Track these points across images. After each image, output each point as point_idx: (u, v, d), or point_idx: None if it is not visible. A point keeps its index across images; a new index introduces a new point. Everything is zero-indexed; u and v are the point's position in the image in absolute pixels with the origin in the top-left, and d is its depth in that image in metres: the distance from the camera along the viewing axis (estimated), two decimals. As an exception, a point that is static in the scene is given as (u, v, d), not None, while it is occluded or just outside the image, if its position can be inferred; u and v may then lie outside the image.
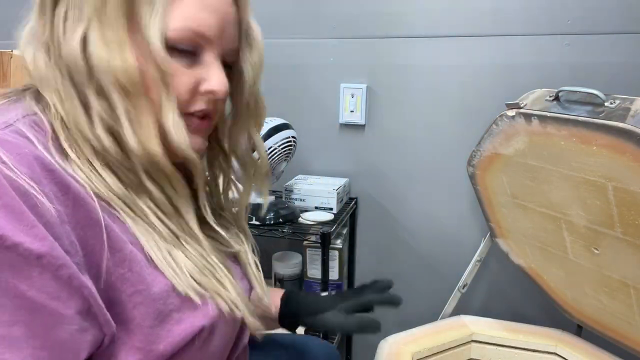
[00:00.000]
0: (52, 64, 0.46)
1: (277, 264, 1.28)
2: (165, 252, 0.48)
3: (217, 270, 0.52)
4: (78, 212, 0.42)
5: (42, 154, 0.42)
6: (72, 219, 0.41)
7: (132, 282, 0.44)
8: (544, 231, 0.95)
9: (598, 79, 1.09)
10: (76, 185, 0.43)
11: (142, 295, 0.45)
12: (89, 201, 0.43)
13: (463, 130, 1.22)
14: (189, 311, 0.48)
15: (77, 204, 0.42)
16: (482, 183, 1.03)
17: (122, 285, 0.44)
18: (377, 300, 0.76)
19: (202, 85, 0.50)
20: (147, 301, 0.45)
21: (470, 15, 1.16)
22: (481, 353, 1.04)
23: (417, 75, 1.23)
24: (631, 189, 0.73)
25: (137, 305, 0.44)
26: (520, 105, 0.87)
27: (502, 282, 1.27)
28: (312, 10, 1.27)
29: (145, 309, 0.45)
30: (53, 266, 0.38)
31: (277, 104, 1.33)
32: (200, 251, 0.52)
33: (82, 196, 0.42)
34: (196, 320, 0.48)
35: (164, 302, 0.46)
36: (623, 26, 1.06)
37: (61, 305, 0.38)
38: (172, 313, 0.47)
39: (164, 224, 0.49)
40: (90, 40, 0.45)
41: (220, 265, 0.53)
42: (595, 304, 0.94)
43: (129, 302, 0.44)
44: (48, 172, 0.41)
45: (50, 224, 0.39)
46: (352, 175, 1.33)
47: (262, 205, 1.15)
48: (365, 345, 1.42)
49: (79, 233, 0.42)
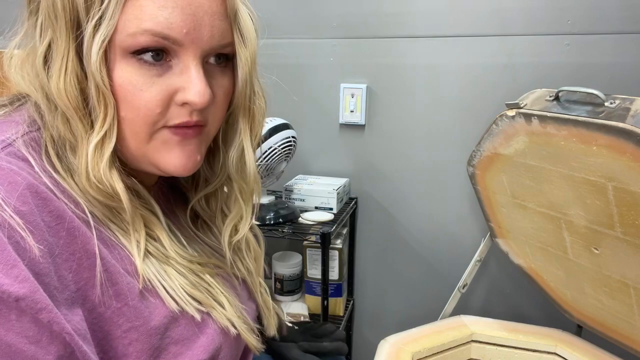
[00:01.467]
0: (30, 79, 0.44)
1: (277, 264, 1.28)
2: (161, 271, 0.47)
3: (213, 287, 0.51)
4: (72, 243, 0.40)
5: (37, 180, 0.40)
6: (66, 250, 0.40)
7: (129, 317, 0.43)
8: (544, 231, 0.95)
9: (598, 79, 1.09)
10: (70, 213, 0.41)
11: (138, 331, 0.43)
12: (83, 231, 0.41)
13: (463, 130, 1.22)
14: (188, 342, 0.47)
15: (72, 234, 0.40)
16: (482, 183, 1.03)
17: (119, 319, 0.42)
18: (330, 348, 0.78)
19: (177, 95, 0.44)
20: (143, 337, 0.43)
21: (470, 15, 1.16)
22: (481, 353, 1.04)
23: (417, 75, 1.23)
24: (631, 189, 0.73)
25: (133, 342, 0.43)
26: (520, 105, 0.87)
27: (502, 282, 1.27)
28: (312, 10, 1.27)
29: (141, 346, 0.43)
30: (33, 310, 0.35)
31: (277, 104, 1.33)
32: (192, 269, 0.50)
33: (76, 225, 0.41)
34: (194, 355, 0.47)
35: (161, 337, 0.45)
36: (623, 26, 1.06)
37: (41, 350, 0.36)
38: (169, 347, 0.45)
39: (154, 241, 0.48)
40: (50, 57, 0.42)
41: (215, 282, 0.52)
42: (595, 304, 0.94)
43: (125, 338, 0.43)
44: (41, 201, 0.39)
45: (33, 262, 0.37)
46: (352, 175, 1.33)
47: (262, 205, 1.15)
48: (365, 345, 1.42)
49: (72, 265, 0.40)
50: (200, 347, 0.47)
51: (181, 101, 0.44)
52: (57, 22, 0.41)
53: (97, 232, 0.43)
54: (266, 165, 1.12)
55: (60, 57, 0.41)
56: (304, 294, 1.30)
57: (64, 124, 0.43)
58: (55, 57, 0.42)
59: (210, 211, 0.58)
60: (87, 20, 0.40)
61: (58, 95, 0.41)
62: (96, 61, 0.40)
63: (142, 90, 0.42)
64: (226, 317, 0.50)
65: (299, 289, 1.31)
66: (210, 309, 0.49)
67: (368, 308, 1.40)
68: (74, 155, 0.44)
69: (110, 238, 0.45)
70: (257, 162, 0.61)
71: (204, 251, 0.56)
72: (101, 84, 0.41)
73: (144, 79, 0.42)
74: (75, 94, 0.41)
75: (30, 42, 0.45)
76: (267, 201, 1.19)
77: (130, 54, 0.41)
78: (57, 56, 0.41)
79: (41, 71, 0.42)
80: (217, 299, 0.51)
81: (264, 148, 1.10)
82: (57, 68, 0.41)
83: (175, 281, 0.47)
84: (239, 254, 0.60)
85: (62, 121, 0.43)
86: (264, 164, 1.12)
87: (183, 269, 0.49)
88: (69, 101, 0.41)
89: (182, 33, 0.42)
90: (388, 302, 1.38)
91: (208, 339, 0.48)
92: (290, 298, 1.30)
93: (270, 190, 1.27)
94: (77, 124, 0.42)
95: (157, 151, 0.46)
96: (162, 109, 0.44)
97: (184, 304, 0.47)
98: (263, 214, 1.13)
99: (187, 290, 0.48)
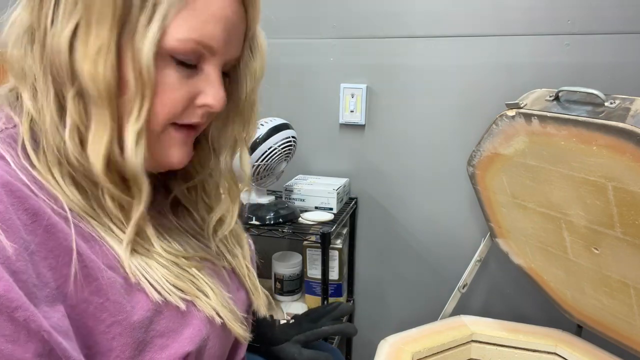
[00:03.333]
0: (33, 54, 0.44)
1: (277, 264, 1.28)
2: (143, 263, 0.47)
3: (197, 279, 0.51)
4: (49, 240, 0.40)
5: (14, 177, 0.40)
6: (43, 247, 0.40)
7: (111, 312, 0.43)
8: (544, 231, 0.95)
9: (598, 79, 1.09)
10: (47, 210, 0.41)
11: (122, 325, 0.43)
12: (61, 227, 0.41)
13: (463, 130, 1.22)
14: (175, 334, 0.46)
15: (48, 231, 0.40)
16: (482, 183, 1.03)
17: (101, 314, 0.42)
18: (332, 332, 0.77)
19: (198, 98, 0.48)
20: (127, 331, 0.43)
21: (470, 15, 1.16)
22: (481, 353, 1.04)
23: (417, 75, 1.23)
24: (631, 189, 0.73)
25: (116, 337, 0.43)
26: (520, 105, 0.87)
27: (502, 282, 1.27)
28: (312, 10, 1.27)
29: (125, 340, 0.43)
30: (8, 308, 0.35)
31: (277, 104, 1.33)
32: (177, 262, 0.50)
33: (53, 222, 0.41)
34: (180, 347, 0.47)
35: (145, 330, 0.45)
36: (623, 26, 1.06)
37: (18, 348, 0.36)
38: (154, 340, 0.45)
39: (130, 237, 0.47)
40: (78, 38, 0.42)
41: (200, 274, 0.52)
42: (595, 304, 0.94)
43: (108, 333, 0.43)
44: (16, 199, 0.39)
45: (8, 260, 0.37)
46: (352, 175, 1.33)
47: (262, 205, 1.15)
48: (365, 345, 1.42)
49: (51, 262, 0.40)
50: (186, 339, 0.47)
51: (202, 103, 0.48)
52: (98, 7, 0.41)
53: (76, 228, 0.43)
54: (266, 165, 1.12)
55: (98, 43, 0.42)
56: (304, 294, 1.30)
57: (76, 108, 0.44)
58: (89, 41, 0.42)
59: (191, 197, 0.59)
60: (140, 14, 0.42)
61: (92, 80, 0.42)
62: (149, 56, 0.42)
63: (174, 90, 0.46)
64: (211, 306, 0.50)
65: (299, 289, 1.31)
66: (194, 297, 0.49)
67: (368, 308, 1.40)
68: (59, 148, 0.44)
69: (90, 234, 0.45)
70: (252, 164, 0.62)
71: (188, 243, 0.56)
72: (146, 77, 0.43)
73: (177, 80, 0.45)
74: (111, 82, 0.43)
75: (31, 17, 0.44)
76: (267, 201, 1.19)
77: (169, 55, 0.44)
78: (93, 41, 0.42)
79: (64, 52, 0.42)
80: (201, 288, 0.51)
81: (264, 148, 1.10)
82: (92, 53, 0.42)
83: (157, 272, 0.47)
84: (223, 241, 0.60)
85: (75, 105, 0.43)
86: (263, 164, 1.12)
87: (166, 262, 0.49)
88: (103, 87, 0.42)
89: (219, 45, 0.46)
90: (388, 302, 1.38)
91: (194, 329, 0.48)
92: (290, 298, 1.30)
93: (270, 190, 1.27)
94: (104, 111, 0.43)
95: (161, 146, 0.48)
96: (184, 108, 0.47)
97: (167, 294, 0.47)
98: (263, 214, 1.13)
99: (170, 280, 0.48)
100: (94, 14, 0.42)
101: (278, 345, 0.73)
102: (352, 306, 0.82)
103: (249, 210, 1.14)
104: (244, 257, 0.62)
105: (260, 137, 1.11)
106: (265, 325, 0.76)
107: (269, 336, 0.74)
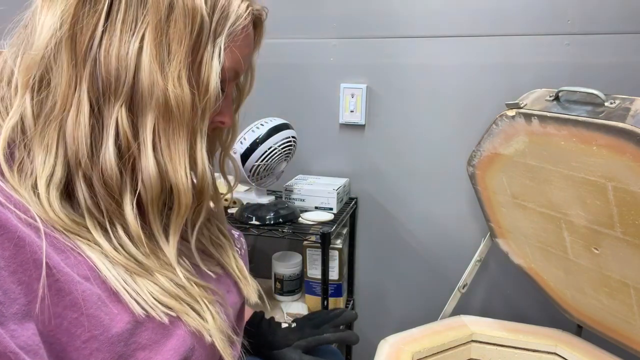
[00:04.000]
0: (61, 61, 0.43)
1: (277, 264, 1.28)
2: (127, 277, 0.45)
3: (200, 302, 0.50)
4: (18, 254, 0.38)
5: None
6: (12, 262, 0.38)
7: (87, 327, 0.41)
8: (544, 231, 0.95)
9: (598, 79, 1.09)
10: (15, 223, 0.39)
11: (99, 340, 0.42)
12: (30, 240, 0.39)
13: (463, 130, 1.22)
14: (158, 346, 0.45)
15: (17, 245, 0.38)
16: (482, 183, 1.03)
17: (76, 330, 0.41)
18: (333, 340, 0.77)
19: (218, 115, 0.53)
20: (105, 346, 0.42)
21: (470, 15, 1.16)
22: (481, 353, 1.04)
23: (417, 75, 1.23)
24: (631, 189, 0.73)
25: (94, 352, 0.41)
26: (520, 105, 0.87)
27: (502, 282, 1.27)
28: (312, 10, 1.27)
29: (103, 355, 0.42)
30: None
31: (277, 104, 1.33)
32: (175, 280, 0.49)
33: (22, 236, 0.39)
34: (164, 359, 0.45)
35: (126, 343, 0.43)
36: (623, 26, 1.06)
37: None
38: (135, 353, 0.44)
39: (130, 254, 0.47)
40: (146, 54, 0.44)
41: (203, 299, 0.51)
42: (595, 304, 0.94)
43: (85, 349, 0.41)
44: None
45: None
46: (352, 175, 1.33)
47: (262, 205, 1.15)
48: (365, 345, 1.42)
49: (21, 277, 0.38)
50: (170, 351, 0.46)
51: (219, 120, 0.54)
52: (179, 26, 0.45)
53: (49, 238, 0.42)
54: (266, 165, 1.12)
55: (177, 64, 0.45)
56: (304, 294, 1.30)
57: (127, 122, 0.45)
58: (171, 62, 0.45)
59: None
60: (207, 41, 0.47)
61: (177, 98, 0.45)
62: (216, 81, 0.48)
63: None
64: (205, 329, 0.49)
65: (299, 289, 1.31)
66: (182, 314, 0.48)
67: (368, 308, 1.40)
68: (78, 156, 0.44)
69: (65, 243, 0.43)
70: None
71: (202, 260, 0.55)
72: (213, 100, 0.48)
73: None
74: (191, 100, 0.46)
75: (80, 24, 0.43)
76: (267, 201, 1.19)
77: None
78: (174, 62, 0.45)
79: (130, 68, 0.44)
80: (202, 315, 0.49)
81: (264, 148, 1.10)
82: (174, 73, 0.45)
83: (143, 287, 0.46)
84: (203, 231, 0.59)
85: (125, 118, 0.45)
86: (263, 164, 1.12)
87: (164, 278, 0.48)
88: (183, 105, 0.46)
89: (242, 71, 0.54)
90: (388, 302, 1.38)
91: (178, 340, 0.47)
92: (290, 298, 1.30)
93: (270, 190, 1.27)
94: (183, 129, 0.46)
95: None
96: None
97: (150, 308, 0.45)
98: (263, 214, 1.13)
99: (156, 296, 0.46)
100: (164, 36, 0.44)
101: (279, 350, 0.73)
102: (355, 314, 0.81)
103: (249, 210, 1.14)
104: (230, 247, 0.62)
105: (260, 137, 1.11)
106: (267, 329, 0.76)
107: (270, 340, 0.74)
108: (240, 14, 0.49)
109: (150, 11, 0.44)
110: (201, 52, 0.47)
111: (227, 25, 0.48)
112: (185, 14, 0.45)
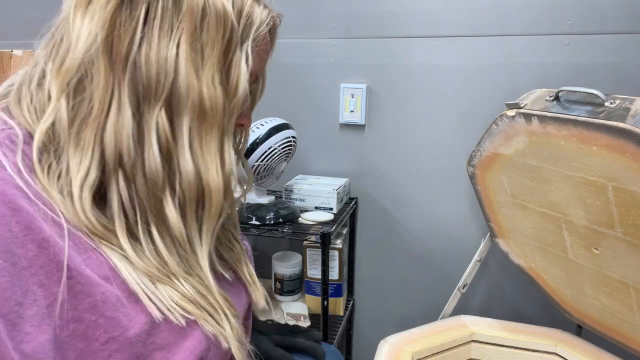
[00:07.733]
0: (100, 66, 0.44)
1: (277, 264, 1.28)
2: (147, 281, 0.45)
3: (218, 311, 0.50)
4: (41, 255, 0.39)
5: (8, 184, 0.39)
6: (34, 263, 0.39)
7: (106, 329, 0.42)
8: (544, 231, 0.95)
9: (598, 79, 1.09)
10: (40, 224, 0.40)
11: (118, 341, 0.42)
12: (53, 242, 0.40)
13: (463, 130, 1.22)
14: (175, 347, 0.45)
15: (40, 246, 0.39)
16: (482, 183, 1.03)
17: (94, 333, 0.41)
18: (304, 347, 0.78)
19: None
20: (124, 347, 0.42)
21: (470, 15, 1.16)
22: (481, 353, 1.04)
23: (417, 75, 1.23)
24: (631, 189, 0.73)
25: (113, 353, 0.42)
26: (520, 105, 0.87)
27: (502, 282, 1.27)
28: (312, 10, 1.27)
29: (122, 356, 0.42)
30: None
31: (277, 103, 1.33)
32: (197, 287, 0.49)
33: (45, 236, 0.39)
34: (182, 359, 0.45)
35: (144, 344, 0.44)
36: (623, 26, 1.06)
37: None
38: (153, 353, 0.44)
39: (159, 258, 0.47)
40: (182, 59, 0.45)
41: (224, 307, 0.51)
42: (595, 304, 0.94)
43: (104, 351, 0.42)
44: (9, 211, 0.38)
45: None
46: (352, 175, 1.33)
47: (262, 205, 1.15)
48: (365, 345, 1.42)
49: (42, 279, 0.39)
50: (186, 351, 0.46)
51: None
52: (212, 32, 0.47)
53: (72, 237, 0.42)
54: (266, 165, 1.12)
55: (210, 67, 0.47)
56: (304, 294, 1.30)
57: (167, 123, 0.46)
58: (205, 65, 0.47)
59: None
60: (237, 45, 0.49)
61: (211, 99, 0.47)
62: (245, 85, 0.49)
63: None
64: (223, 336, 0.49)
65: (299, 289, 1.31)
66: (200, 319, 0.48)
67: (368, 308, 1.40)
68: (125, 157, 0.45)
69: (88, 243, 0.43)
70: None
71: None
72: (242, 101, 0.50)
73: None
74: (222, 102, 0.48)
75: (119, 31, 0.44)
76: (267, 201, 1.19)
77: None
78: (208, 65, 0.47)
79: (170, 72, 0.45)
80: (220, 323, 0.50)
81: (264, 148, 1.10)
82: (209, 76, 0.47)
83: (162, 290, 0.46)
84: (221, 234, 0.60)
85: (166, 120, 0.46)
86: (263, 164, 1.12)
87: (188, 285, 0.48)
88: (217, 106, 0.47)
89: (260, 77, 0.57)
90: (388, 302, 1.38)
91: (194, 341, 0.47)
92: (290, 298, 1.30)
93: (270, 190, 1.27)
94: (215, 129, 0.48)
95: None
96: None
97: (167, 311, 0.45)
98: (263, 214, 1.13)
99: (174, 300, 0.47)
100: (197, 41, 0.45)
101: (256, 335, 0.74)
102: (321, 336, 0.84)
103: (249, 210, 1.14)
104: (242, 252, 0.62)
105: (260, 137, 1.11)
106: None
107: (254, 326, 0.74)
108: (262, 20, 0.51)
109: (184, 18, 0.45)
110: (231, 56, 0.48)
111: (252, 30, 0.50)
112: (217, 20, 0.46)
